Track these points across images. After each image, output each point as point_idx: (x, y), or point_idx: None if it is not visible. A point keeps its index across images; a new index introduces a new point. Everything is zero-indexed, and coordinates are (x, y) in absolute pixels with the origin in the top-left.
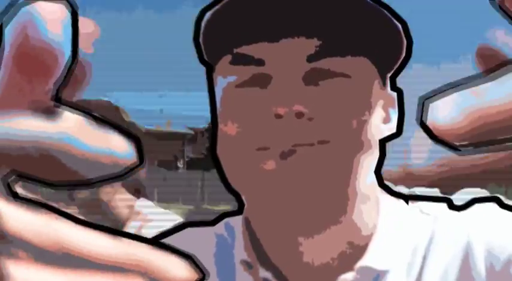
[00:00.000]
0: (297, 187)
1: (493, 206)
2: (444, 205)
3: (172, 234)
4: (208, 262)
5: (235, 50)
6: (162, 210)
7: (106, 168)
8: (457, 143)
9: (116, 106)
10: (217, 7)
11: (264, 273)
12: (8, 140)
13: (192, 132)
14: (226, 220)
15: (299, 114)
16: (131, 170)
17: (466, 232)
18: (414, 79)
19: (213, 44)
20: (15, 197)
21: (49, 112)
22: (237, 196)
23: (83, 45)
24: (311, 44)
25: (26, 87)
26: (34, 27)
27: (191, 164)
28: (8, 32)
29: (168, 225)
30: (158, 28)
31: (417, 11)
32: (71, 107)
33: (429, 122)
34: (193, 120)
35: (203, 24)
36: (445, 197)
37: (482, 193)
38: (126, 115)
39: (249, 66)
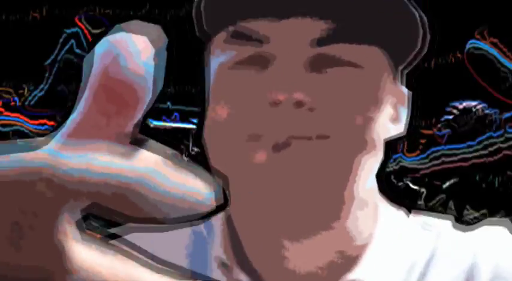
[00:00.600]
0: (287, 184)
1: (502, 229)
2: (449, 222)
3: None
4: (181, 258)
5: (233, 26)
6: None
7: (183, 211)
8: None
9: None
10: None
11: (239, 275)
12: (84, 178)
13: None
14: None
15: (299, 103)
16: (212, 213)
17: (472, 252)
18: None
19: (209, 17)
20: (87, 228)
21: (127, 151)
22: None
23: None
24: (320, 27)
25: (103, 124)
26: (116, 61)
27: (195, 158)
28: (90, 64)
29: None
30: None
31: None
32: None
33: None
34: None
35: None
36: (451, 214)
37: (473, 183)
38: None
39: (248, 43)
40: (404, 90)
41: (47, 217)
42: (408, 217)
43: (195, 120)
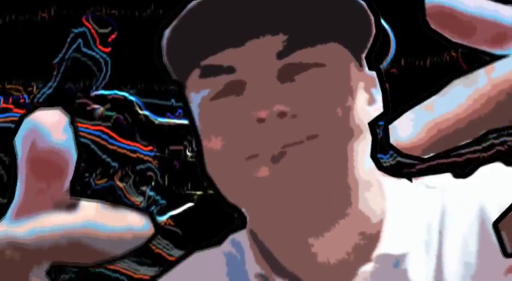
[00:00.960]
0: (295, 188)
1: (498, 165)
2: (449, 175)
3: (179, 262)
4: (222, 278)
5: (202, 63)
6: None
7: (129, 243)
8: (423, 156)
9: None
10: (174, 23)
11: None
12: (38, 237)
13: None
14: (231, 236)
15: (281, 114)
16: (150, 240)
17: (477, 197)
18: (403, 74)
19: (178, 61)
20: None
21: (69, 205)
22: (237, 210)
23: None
24: (278, 41)
25: (44, 190)
26: (40, 135)
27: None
28: (18, 145)
29: (179, 209)
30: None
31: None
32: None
33: (394, 142)
34: None
35: (164, 43)
36: (448, 168)
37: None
38: (139, 108)
39: (219, 76)
40: (371, 73)
41: (20, 278)
42: (411, 182)
43: None
